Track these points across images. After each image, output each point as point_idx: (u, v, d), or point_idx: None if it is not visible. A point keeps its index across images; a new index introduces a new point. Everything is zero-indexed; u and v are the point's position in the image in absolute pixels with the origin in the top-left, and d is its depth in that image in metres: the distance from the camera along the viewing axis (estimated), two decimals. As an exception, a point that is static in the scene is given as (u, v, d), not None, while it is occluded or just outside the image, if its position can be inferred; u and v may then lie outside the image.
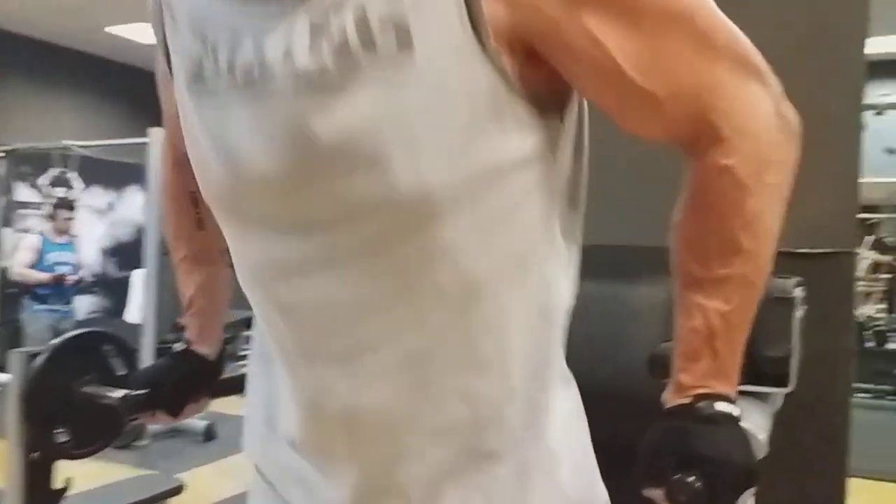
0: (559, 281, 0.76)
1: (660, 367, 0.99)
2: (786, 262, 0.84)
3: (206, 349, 1.00)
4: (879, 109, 5.16)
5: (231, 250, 0.79)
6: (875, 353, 6.16)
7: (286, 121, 0.65)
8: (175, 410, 0.97)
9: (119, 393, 0.97)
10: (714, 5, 0.66)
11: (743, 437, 0.68)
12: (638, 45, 0.63)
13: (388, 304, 0.69)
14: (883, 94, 5.65)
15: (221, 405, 1.16)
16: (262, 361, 0.85)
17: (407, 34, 0.61)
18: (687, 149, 0.69)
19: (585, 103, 0.75)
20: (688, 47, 0.64)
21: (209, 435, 4.70)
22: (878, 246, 7.02)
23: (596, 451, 0.81)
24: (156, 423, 1.00)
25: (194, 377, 0.99)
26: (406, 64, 0.61)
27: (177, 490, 2.52)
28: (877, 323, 6.44)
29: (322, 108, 0.63)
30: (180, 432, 4.77)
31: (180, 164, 0.89)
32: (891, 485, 3.66)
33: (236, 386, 0.99)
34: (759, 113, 0.67)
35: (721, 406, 0.68)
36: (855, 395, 1.72)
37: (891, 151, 6.06)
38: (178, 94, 0.74)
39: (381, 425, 0.73)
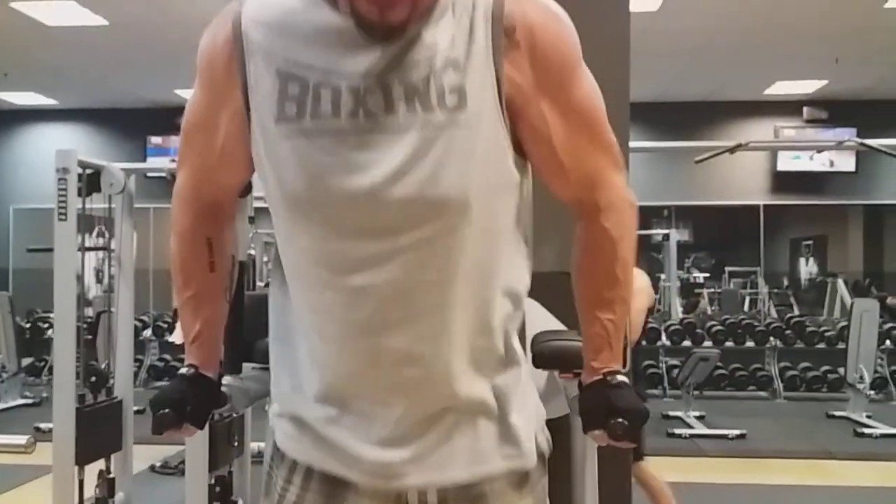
0: (524, 271, 1.06)
1: (540, 360, 1.28)
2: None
3: (212, 373, 1.15)
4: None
5: (295, 249, 0.98)
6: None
7: (381, 142, 0.90)
8: (201, 423, 1.11)
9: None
10: (606, 121, 1.02)
11: (636, 394, 1.06)
12: (565, 132, 0.98)
13: (432, 283, 0.94)
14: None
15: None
16: (285, 345, 1.05)
17: (464, 95, 0.91)
18: (579, 213, 1.06)
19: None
20: (591, 144, 1.01)
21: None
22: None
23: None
24: (183, 435, 1.10)
25: (207, 395, 1.14)
26: (461, 113, 0.91)
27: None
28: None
29: (409, 136, 0.90)
30: None
31: (201, 214, 1.08)
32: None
33: (225, 401, 1.17)
34: (622, 196, 1.04)
35: (620, 377, 1.06)
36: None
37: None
38: (259, 122, 0.95)
39: (426, 368, 0.97)
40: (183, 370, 1.13)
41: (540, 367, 1.30)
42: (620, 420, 1.02)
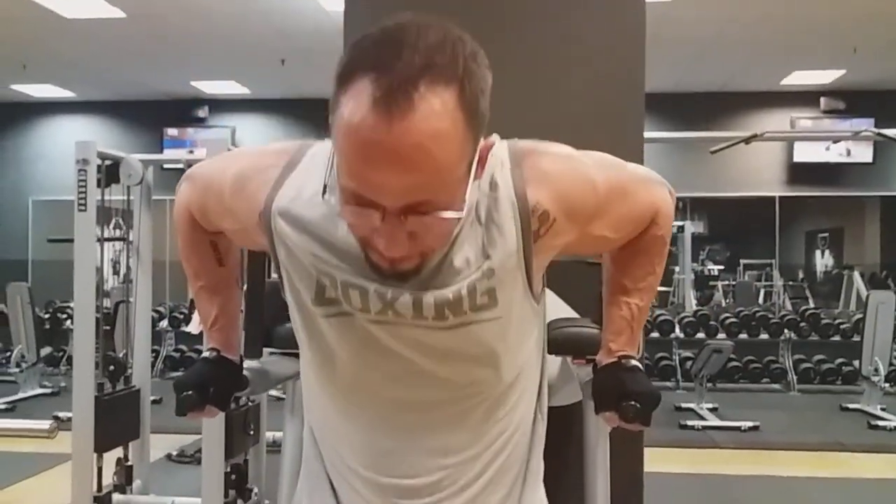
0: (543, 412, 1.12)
1: (554, 346, 1.30)
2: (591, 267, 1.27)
3: (233, 355, 1.18)
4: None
5: (331, 416, 1.03)
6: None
7: (411, 345, 0.94)
8: (224, 405, 1.15)
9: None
10: (622, 163, 1.06)
11: (648, 379, 1.10)
12: (613, 223, 1.04)
13: (465, 442, 0.99)
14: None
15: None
16: (318, 476, 1.09)
17: (495, 297, 0.93)
18: None
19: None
20: (635, 201, 1.06)
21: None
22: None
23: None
24: (206, 417, 1.15)
25: (229, 377, 1.17)
26: (491, 311, 0.93)
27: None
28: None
29: (441, 339, 0.94)
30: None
31: (202, 228, 1.12)
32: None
33: (246, 384, 1.20)
34: (668, 203, 1.10)
35: (634, 362, 1.10)
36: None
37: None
38: (292, 292, 0.97)
39: None
40: (206, 354, 1.16)
41: (555, 353, 1.32)
42: (633, 403, 1.05)
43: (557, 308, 1.52)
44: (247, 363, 1.22)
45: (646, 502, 2.10)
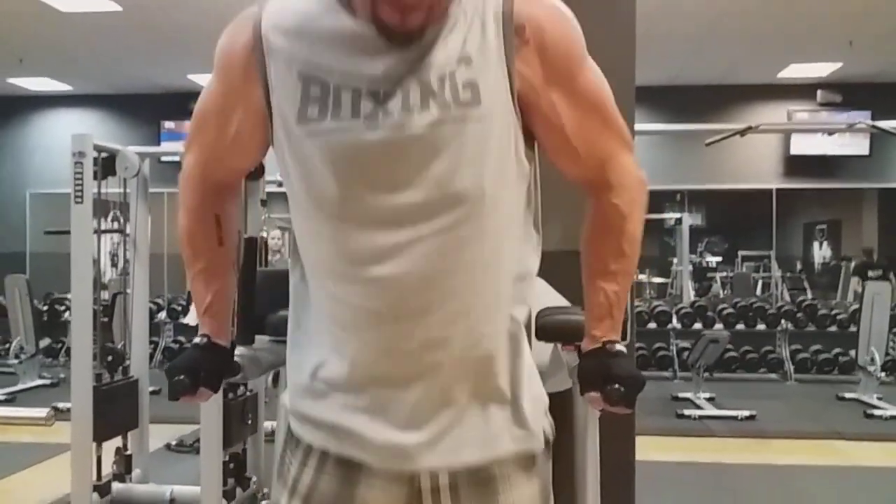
0: (535, 258, 1.11)
1: (543, 333, 1.32)
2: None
3: (224, 341, 1.20)
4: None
5: (317, 244, 1.02)
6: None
7: (400, 141, 0.95)
8: (216, 387, 1.18)
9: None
10: (614, 102, 1.07)
11: (634, 362, 1.11)
12: (576, 118, 1.04)
13: (450, 272, 0.98)
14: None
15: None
16: (304, 335, 1.08)
17: (478, 92, 0.97)
18: (589, 191, 1.10)
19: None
20: (602, 127, 1.07)
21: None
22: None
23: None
24: (198, 401, 1.17)
25: (220, 362, 1.20)
26: (475, 109, 0.96)
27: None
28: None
29: (427, 134, 0.96)
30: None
31: (209, 193, 1.14)
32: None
33: (238, 369, 1.23)
34: (632, 174, 1.10)
35: (619, 346, 1.11)
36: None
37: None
38: (281, 124, 1.01)
39: (441, 355, 1.00)
40: (196, 339, 1.18)
41: (543, 340, 1.34)
42: (617, 386, 1.07)
43: (548, 296, 1.54)
44: (239, 349, 1.24)
45: (644, 489, 2.13)
